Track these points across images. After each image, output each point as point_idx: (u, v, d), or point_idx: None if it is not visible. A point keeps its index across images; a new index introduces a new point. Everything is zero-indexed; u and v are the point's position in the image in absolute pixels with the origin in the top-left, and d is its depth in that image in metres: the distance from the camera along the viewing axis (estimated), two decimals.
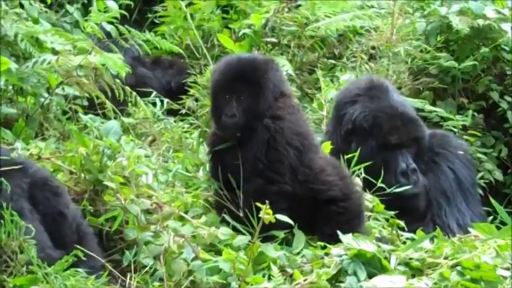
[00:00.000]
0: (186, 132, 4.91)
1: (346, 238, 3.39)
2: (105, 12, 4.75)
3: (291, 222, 3.45)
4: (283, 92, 3.85)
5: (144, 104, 5.17)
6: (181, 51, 5.23)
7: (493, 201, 3.57)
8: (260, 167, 3.67)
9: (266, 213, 3.20)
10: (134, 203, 3.68)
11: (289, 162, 3.69)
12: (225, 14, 6.03)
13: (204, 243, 3.53)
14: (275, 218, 3.22)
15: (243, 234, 3.53)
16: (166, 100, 5.24)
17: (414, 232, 3.88)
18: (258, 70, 3.81)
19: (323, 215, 3.69)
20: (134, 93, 4.81)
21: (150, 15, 6.17)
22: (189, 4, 5.95)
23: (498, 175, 5.14)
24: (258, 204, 3.25)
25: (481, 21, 5.28)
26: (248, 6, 5.88)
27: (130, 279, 3.52)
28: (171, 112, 5.28)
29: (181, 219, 3.70)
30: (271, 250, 3.34)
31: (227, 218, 3.65)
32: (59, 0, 5.68)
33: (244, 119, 3.76)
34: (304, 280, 3.22)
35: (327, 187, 3.71)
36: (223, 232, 3.48)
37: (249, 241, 3.39)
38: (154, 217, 3.69)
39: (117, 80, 4.68)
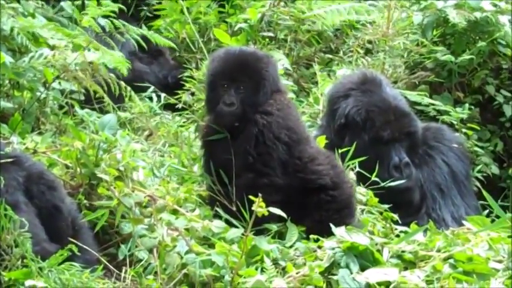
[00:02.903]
0: (182, 126, 4.92)
1: (339, 231, 3.40)
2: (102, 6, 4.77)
3: (284, 215, 3.47)
4: (279, 88, 3.88)
5: (141, 98, 5.19)
6: (173, 45, 5.22)
7: (485, 193, 3.58)
8: (250, 160, 3.69)
9: (259, 207, 3.21)
10: (128, 196, 3.68)
11: (278, 155, 3.70)
12: (222, 8, 6.03)
13: (198, 236, 3.54)
14: (268, 211, 3.24)
15: (236, 227, 3.55)
16: (163, 95, 5.25)
17: (408, 225, 3.89)
18: (261, 62, 3.83)
19: (313, 203, 3.71)
20: (129, 88, 4.81)
21: (145, 9, 6.16)
22: None
23: (494, 169, 5.15)
24: (251, 197, 3.27)
25: (477, 15, 5.28)
26: (244, 1, 5.87)
27: (125, 272, 3.53)
28: (167, 106, 5.29)
29: (175, 212, 3.71)
30: (264, 243, 3.35)
31: (220, 211, 3.66)
32: None
33: (242, 109, 3.77)
34: (297, 273, 3.24)
35: (317, 176, 3.74)
36: (217, 225, 3.48)
37: (242, 234, 3.40)
38: (148, 210, 3.70)
39: (112, 75, 4.69)
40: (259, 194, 3.25)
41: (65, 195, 3.74)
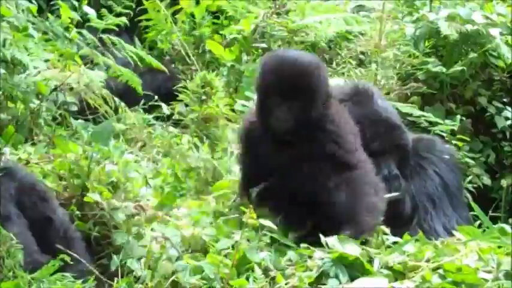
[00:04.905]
0: (175, 137, 4.94)
1: (329, 241, 3.42)
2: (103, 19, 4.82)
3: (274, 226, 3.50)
4: (329, 94, 3.77)
5: (135, 109, 5.22)
6: (161, 66, 5.22)
7: (473, 204, 3.60)
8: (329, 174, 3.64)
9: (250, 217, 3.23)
10: (118, 209, 3.70)
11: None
12: (216, 19, 6.06)
13: (188, 244, 3.54)
14: None
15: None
16: (164, 105, 5.28)
17: (401, 236, 3.90)
18: (313, 76, 3.67)
19: None
20: (122, 104, 4.85)
21: (138, 21, 6.18)
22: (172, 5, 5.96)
23: (486, 180, 5.17)
24: None
25: (469, 27, 5.30)
26: (238, 12, 5.90)
27: (117, 283, 3.54)
28: (160, 118, 5.31)
29: (166, 222, 3.72)
30: (255, 254, 3.36)
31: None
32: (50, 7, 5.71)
33: (295, 123, 3.65)
34: (286, 284, 3.25)
35: None
36: (207, 233, 3.48)
37: (233, 245, 3.41)
38: (137, 218, 3.71)
39: (105, 90, 4.73)
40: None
41: (57, 206, 3.76)
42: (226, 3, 6.08)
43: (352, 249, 3.39)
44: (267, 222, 3.37)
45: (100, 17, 4.90)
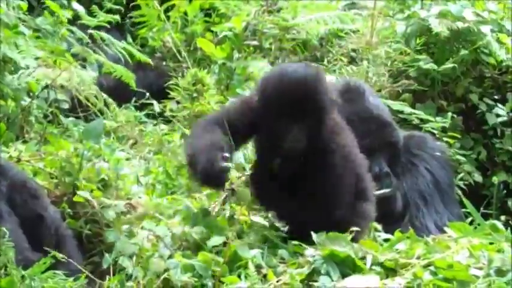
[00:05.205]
0: (166, 134, 4.94)
1: (320, 238, 3.42)
2: (94, 16, 4.81)
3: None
4: (333, 102, 3.69)
5: (126, 107, 5.22)
6: (149, 60, 5.22)
7: (465, 201, 3.60)
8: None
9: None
10: (108, 207, 3.69)
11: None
12: (208, 17, 6.05)
13: (179, 242, 3.54)
14: None
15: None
16: (155, 102, 5.27)
17: (392, 234, 3.90)
18: (321, 93, 3.57)
19: None
20: (110, 100, 4.84)
21: (130, 17, 6.18)
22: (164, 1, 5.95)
23: (477, 177, 5.18)
24: None
25: (460, 24, 5.31)
26: (230, 10, 5.90)
27: (109, 281, 3.54)
28: (151, 115, 5.31)
29: (156, 220, 3.72)
30: (246, 251, 3.36)
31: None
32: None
33: (307, 143, 3.55)
34: (277, 281, 3.25)
35: None
36: (196, 231, 3.47)
37: (225, 242, 3.40)
38: (128, 217, 3.70)
39: (94, 87, 4.73)
40: None
41: (48, 204, 3.75)
42: (219, 1, 6.08)
43: (341, 246, 3.40)
44: (257, 219, 3.37)
45: (91, 14, 4.89)
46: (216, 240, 3.44)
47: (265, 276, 3.33)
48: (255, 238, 3.47)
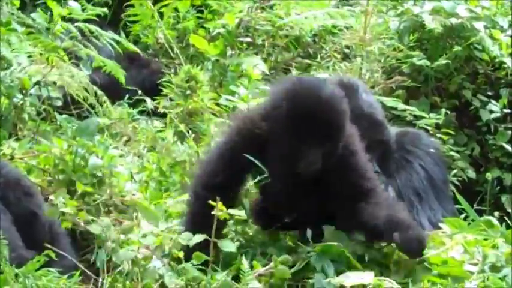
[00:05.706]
0: (160, 132, 4.92)
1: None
2: (83, 10, 4.79)
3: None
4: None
5: (120, 104, 5.20)
6: (138, 50, 5.18)
7: (459, 197, 3.61)
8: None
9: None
10: (93, 223, 3.67)
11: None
12: (200, 13, 6.04)
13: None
14: None
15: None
16: (148, 99, 5.26)
17: None
18: (338, 113, 3.49)
19: None
20: (105, 97, 4.83)
21: (123, 16, 6.16)
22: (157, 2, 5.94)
23: (471, 173, 5.19)
24: None
25: (453, 20, 5.32)
26: (222, 6, 5.88)
27: (103, 278, 3.53)
28: (144, 112, 5.30)
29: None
30: (229, 245, 3.34)
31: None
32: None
33: (323, 165, 3.47)
34: (271, 277, 3.25)
35: None
36: (184, 237, 3.45)
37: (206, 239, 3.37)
38: (113, 230, 3.67)
39: (88, 83, 4.71)
40: None
41: (42, 202, 3.75)
42: None
43: (336, 242, 3.40)
44: (236, 212, 3.36)
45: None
46: (197, 238, 3.40)
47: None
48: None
